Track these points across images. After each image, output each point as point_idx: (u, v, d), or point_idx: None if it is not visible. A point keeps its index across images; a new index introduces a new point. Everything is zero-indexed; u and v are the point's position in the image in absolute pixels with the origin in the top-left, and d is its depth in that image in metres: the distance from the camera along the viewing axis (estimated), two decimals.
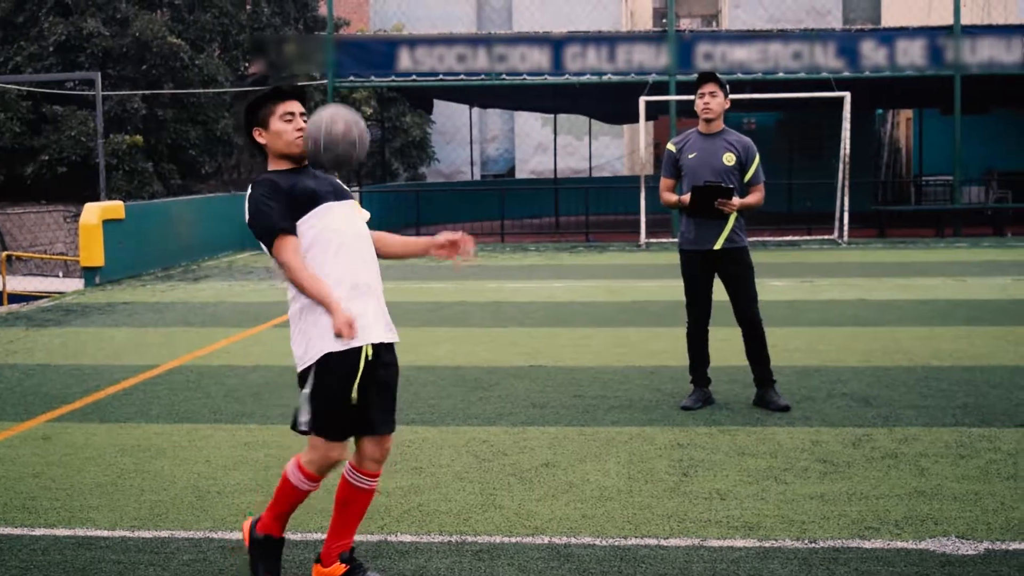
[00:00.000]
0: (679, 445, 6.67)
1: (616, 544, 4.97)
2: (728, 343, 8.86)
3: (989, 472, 5.96)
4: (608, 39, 23.93)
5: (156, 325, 12.23)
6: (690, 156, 7.56)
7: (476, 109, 33.86)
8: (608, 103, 27.99)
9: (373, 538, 5.08)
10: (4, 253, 22.77)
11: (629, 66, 23.46)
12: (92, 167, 25.27)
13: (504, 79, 23.60)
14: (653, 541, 4.99)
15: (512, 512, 5.41)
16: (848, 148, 22.06)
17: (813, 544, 4.91)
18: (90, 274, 16.63)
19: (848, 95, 21.74)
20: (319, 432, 4.36)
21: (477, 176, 37.52)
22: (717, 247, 7.48)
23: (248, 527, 4.63)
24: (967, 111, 24.52)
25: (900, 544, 4.89)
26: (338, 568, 4.43)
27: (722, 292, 7.66)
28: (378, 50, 24.18)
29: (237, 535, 5.15)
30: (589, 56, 23.54)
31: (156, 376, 9.17)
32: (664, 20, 27.85)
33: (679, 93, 23.05)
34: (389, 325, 4.48)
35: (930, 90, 25.31)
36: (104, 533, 5.23)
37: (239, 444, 6.87)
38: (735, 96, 23.33)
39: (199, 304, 13.97)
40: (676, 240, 8.03)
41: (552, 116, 32.27)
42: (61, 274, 25.16)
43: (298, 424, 4.35)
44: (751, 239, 7.85)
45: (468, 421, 7.39)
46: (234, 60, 30.73)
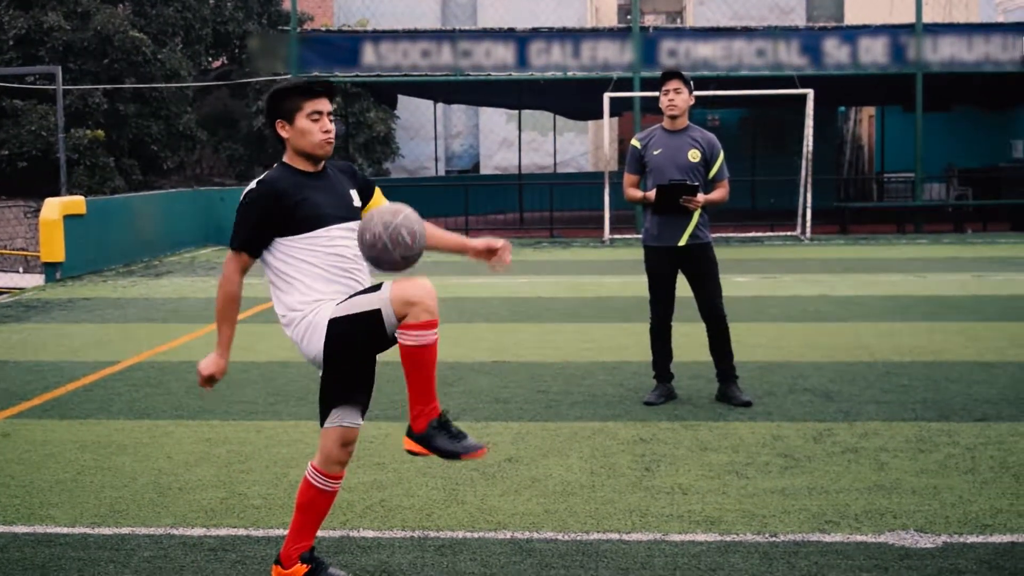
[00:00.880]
0: (642, 440, 6.69)
1: (578, 539, 4.98)
2: (690, 338, 8.89)
3: (948, 466, 6.01)
4: (573, 35, 23.98)
5: (117, 321, 12.15)
6: (655, 152, 7.58)
7: (440, 105, 33.81)
8: (573, 99, 28.03)
9: (335, 534, 5.07)
10: None
11: (594, 62, 23.52)
12: (53, 162, 25.05)
13: (469, 75, 23.59)
14: (615, 536, 5.01)
15: (475, 507, 5.41)
16: (811, 145, 22.19)
17: (773, 538, 4.94)
18: (51, 270, 16.49)
19: (811, 92, 21.88)
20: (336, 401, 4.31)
21: (442, 172, 37.46)
22: (682, 243, 7.51)
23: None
24: (929, 109, 24.74)
25: (859, 537, 4.93)
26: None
27: (685, 288, 7.69)
28: (342, 45, 24.11)
29: (198, 531, 5.13)
30: (554, 52, 23.58)
31: (117, 372, 9.11)
32: (629, 17, 27.94)
33: (643, 90, 23.11)
34: None
35: (892, 88, 25.50)
36: (64, 530, 5.19)
37: (201, 440, 6.84)
38: (699, 93, 23.44)
39: (161, 300, 13.89)
40: (640, 236, 8.04)
41: (517, 112, 32.28)
42: (21, 269, 24.91)
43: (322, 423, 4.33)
44: (714, 235, 7.87)
45: None
46: (197, 55, 30.55)
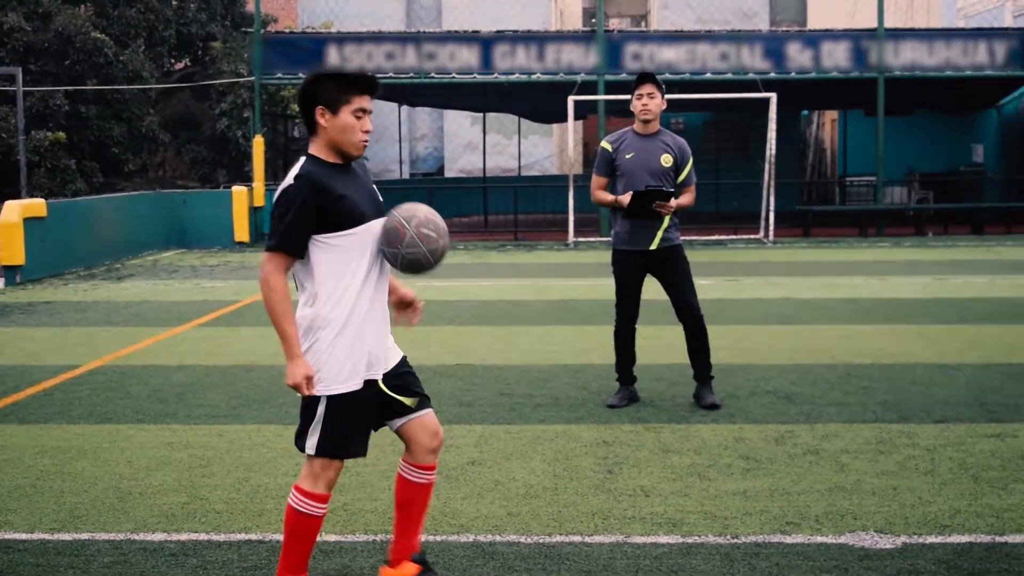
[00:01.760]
0: (605, 443, 6.70)
1: (540, 541, 4.98)
2: (654, 341, 8.93)
3: (907, 467, 6.06)
4: (537, 38, 24.02)
5: (78, 325, 12.05)
6: (627, 156, 7.59)
7: (405, 107, 33.76)
8: (537, 102, 28.07)
9: None
10: None
11: (558, 65, 23.56)
12: (13, 164, 24.81)
13: (433, 77, 23.57)
14: (577, 538, 5.02)
15: (437, 510, 5.40)
16: (774, 148, 22.32)
17: (735, 539, 4.96)
18: (10, 273, 16.33)
19: (774, 96, 22.01)
20: (330, 455, 4.14)
21: (406, 174, 37.39)
22: (652, 247, 7.53)
23: None
24: (890, 113, 24.95)
25: (820, 539, 4.96)
26: (409, 568, 4.33)
27: (648, 292, 7.71)
28: (306, 47, 24.04)
29: (159, 536, 5.10)
30: (518, 55, 23.61)
31: (77, 376, 9.03)
32: (593, 20, 28.00)
33: (608, 93, 23.19)
34: (394, 345, 4.35)
35: (854, 92, 25.68)
36: (23, 536, 5.15)
37: (162, 444, 6.79)
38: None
39: (122, 303, 13.79)
40: (605, 239, 8.06)
41: (481, 115, 32.27)
42: None
43: (304, 448, 4.14)
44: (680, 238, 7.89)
45: None
46: (160, 56, 30.32)
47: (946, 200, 27.41)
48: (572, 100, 22.18)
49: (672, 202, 7.40)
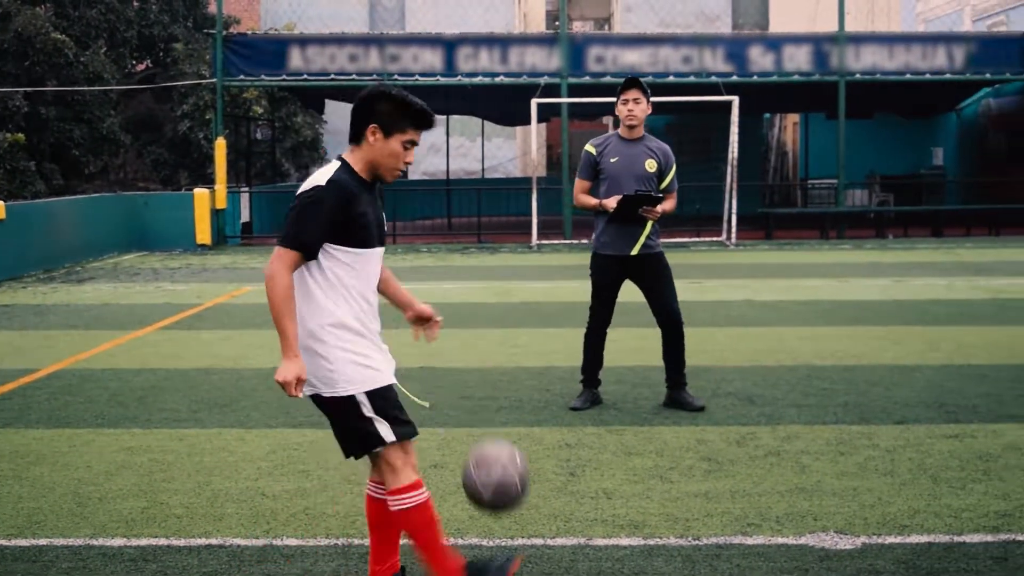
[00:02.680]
0: (567, 445, 6.71)
1: (502, 544, 4.98)
2: (617, 344, 8.95)
3: (867, 468, 6.10)
4: (501, 41, 24.03)
5: (37, 328, 11.94)
6: (612, 160, 7.60)
7: None
8: (501, 105, 28.06)
9: (258, 542, 5.02)
10: None
11: (521, 68, 23.59)
12: None
13: (396, 79, 23.51)
14: (539, 541, 5.02)
15: None
16: (736, 151, 22.42)
17: (696, 541, 4.98)
18: None
19: (736, 99, 22.12)
20: (402, 437, 4.11)
21: None
22: (634, 253, 7.55)
23: None
24: (851, 116, 25.14)
25: (780, 540, 4.98)
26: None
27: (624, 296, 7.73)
28: (268, 49, 23.95)
29: (118, 542, 5.06)
30: (482, 57, 23.61)
31: (36, 380, 8.95)
32: (556, 23, 28.04)
33: (571, 95, 23.23)
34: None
35: (816, 95, 25.86)
36: None
37: (122, 449, 6.74)
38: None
39: (83, 306, 13.68)
40: (569, 242, 8.07)
41: (444, 117, 32.23)
42: None
43: (371, 447, 4.08)
44: None
45: None
46: (121, 57, 30.07)
47: (906, 203, 27.65)
48: (535, 103, 22.20)
49: (658, 207, 7.43)
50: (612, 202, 7.45)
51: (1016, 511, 5.33)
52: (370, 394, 4.08)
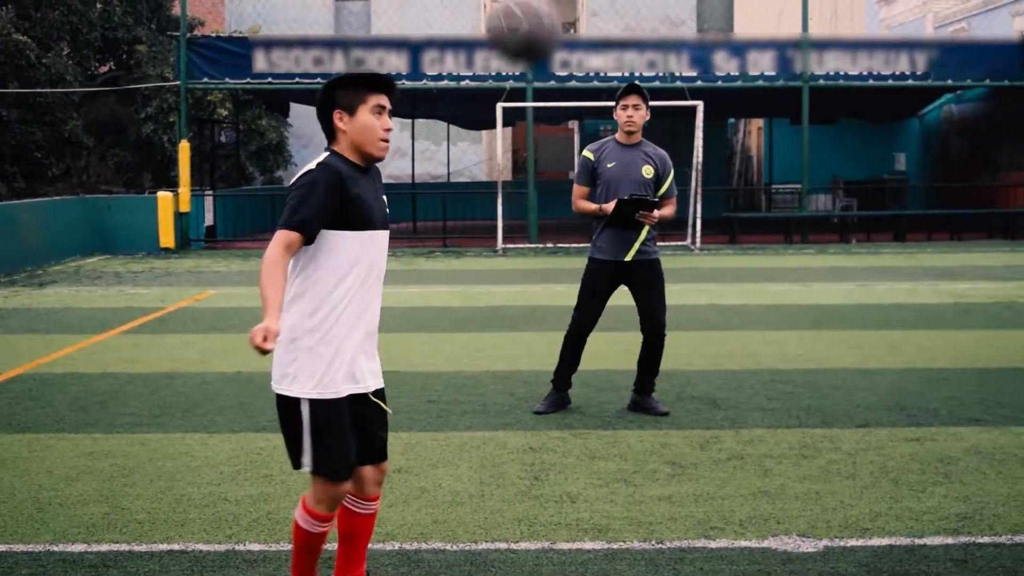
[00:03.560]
0: (531, 449, 6.71)
1: (466, 548, 4.97)
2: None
3: (830, 472, 6.14)
4: (466, 44, 24.01)
5: None
6: (609, 165, 7.60)
7: None
8: (466, 109, 28.06)
9: (221, 547, 4.99)
10: None
11: (487, 72, 23.59)
12: None
13: None
14: (503, 545, 5.01)
15: None
16: (701, 156, 22.52)
17: (660, 545, 4.99)
18: None
19: (701, 104, 22.22)
20: (326, 475, 4.05)
21: None
22: (628, 259, 7.55)
23: None
24: (815, 121, 25.31)
25: (743, 543, 5.00)
26: None
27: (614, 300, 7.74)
28: (233, 52, 23.82)
29: (79, 547, 5.01)
30: (447, 61, 23.60)
31: None
32: None
33: (536, 100, 23.26)
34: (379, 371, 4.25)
35: (780, 100, 26.00)
36: None
37: (83, 454, 6.68)
38: (590, 104, 23.74)
39: (44, 310, 13.56)
40: (534, 246, 8.07)
41: (410, 120, 32.20)
42: None
43: (300, 466, 4.06)
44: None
45: None
46: (84, 59, 29.87)
47: (870, 208, 27.87)
48: (501, 107, 22.22)
49: (655, 212, 7.44)
50: (611, 206, 7.47)
51: (976, 514, 5.37)
52: (315, 404, 4.01)
